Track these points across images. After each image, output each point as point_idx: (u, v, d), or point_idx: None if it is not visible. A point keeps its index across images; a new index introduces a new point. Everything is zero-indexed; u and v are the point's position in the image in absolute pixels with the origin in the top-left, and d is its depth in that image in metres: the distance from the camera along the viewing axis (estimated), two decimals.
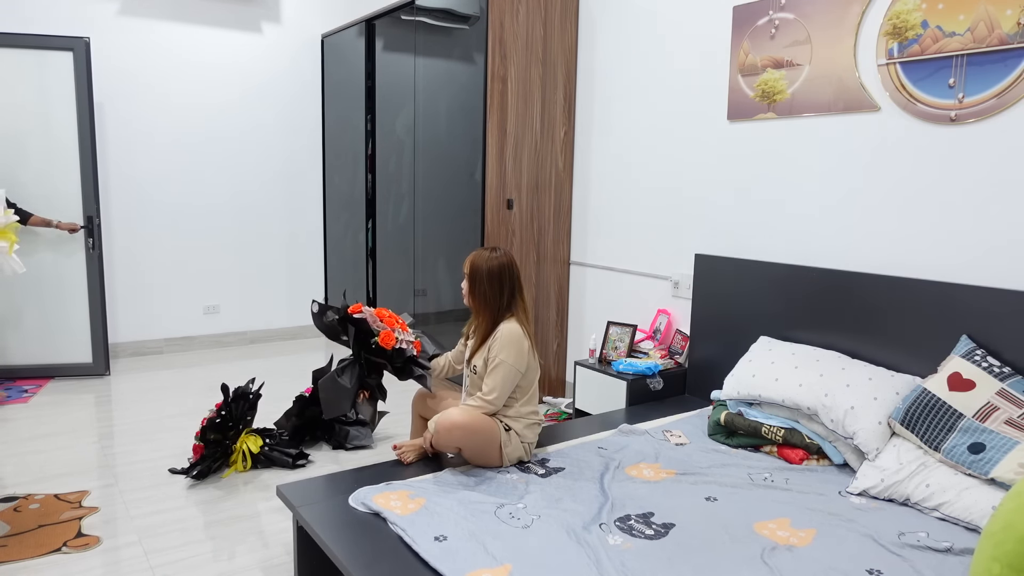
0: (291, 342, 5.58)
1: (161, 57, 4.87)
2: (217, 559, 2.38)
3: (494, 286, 2.44)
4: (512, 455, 2.41)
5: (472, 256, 2.50)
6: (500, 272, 2.45)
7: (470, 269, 2.48)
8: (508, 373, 2.38)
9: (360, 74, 4.98)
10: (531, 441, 2.46)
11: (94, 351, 4.41)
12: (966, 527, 1.98)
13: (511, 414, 2.43)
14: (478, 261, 2.46)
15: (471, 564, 1.75)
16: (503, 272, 2.45)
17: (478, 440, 2.33)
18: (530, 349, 2.43)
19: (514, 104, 3.71)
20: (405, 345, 2.87)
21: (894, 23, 2.54)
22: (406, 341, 2.87)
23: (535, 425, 2.48)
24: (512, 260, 2.49)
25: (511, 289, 2.47)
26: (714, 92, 3.22)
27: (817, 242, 2.86)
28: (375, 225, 5.05)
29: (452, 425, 2.30)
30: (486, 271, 2.44)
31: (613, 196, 3.77)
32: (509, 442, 2.39)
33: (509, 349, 2.38)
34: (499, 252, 2.48)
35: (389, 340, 2.83)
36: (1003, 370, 2.17)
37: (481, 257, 2.47)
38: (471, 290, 2.49)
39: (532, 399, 2.49)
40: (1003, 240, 2.33)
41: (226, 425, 3.06)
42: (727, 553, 1.85)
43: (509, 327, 2.41)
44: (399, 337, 2.85)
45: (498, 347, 2.39)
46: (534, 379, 2.49)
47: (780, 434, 2.53)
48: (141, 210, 4.93)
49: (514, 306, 2.47)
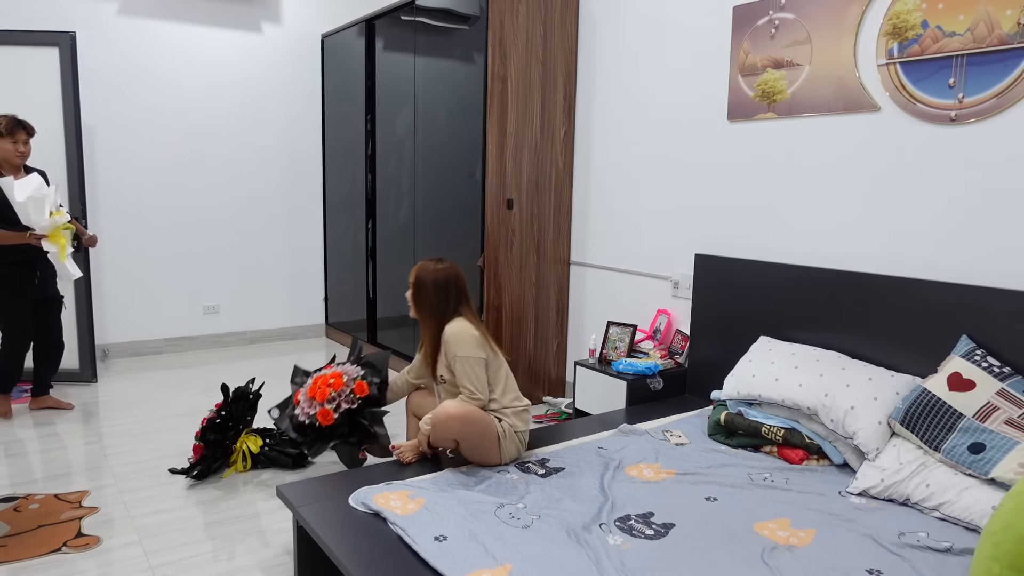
0: (291, 342, 5.58)
1: (161, 57, 4.87)
2: (217, 559, 2.38)
3: (440, 296, 2.49)
4: (509, 448, 2.42)
5: (417, 267, 2.55)
6: (446, 282, 2.50)
7: (415, 279, 2.53)
8: (470, 365, 2.41)
9: (360, 74, 4.98)
10: (523, 430, 2.48)
11: (81, 358, 4.31)
12: (966, 527, 1.98)
13: (495, 407, 2.45)
14: (423, 272, 2.52)
15: (471, 564, 1.75)
16: (448, 283, 2.50)
17: (475, 431, 2.34)
18: (482, 338, 2.46)
19: (514, 104, 3.71)
20: (346, 403, 2.76)
21: (894, 23, 2.54)
22: (345, 397, 2.77)
23: (523, 412, 2.50)
24: (458, 271, 2.54)
25: (456, 299, 2.51)
26: (714, 92, 3.22)
27: (817, 242, 2.86)
28: (375, 225, 5.05)
29: (448, 416, 2.32)
30: (431, 282, 2.49)
31: (613, 196, 3.77)
32: (505, 435, 2.41)
33: (459, 344, 2.42)
34: (445, 263, 2.54)
35: (328, 418, 2.74)
36: (1003, 370, 2.17)
37: (426, 268, 2.52)
38: (415, 300, 2.53)
39: (510, 388, 2.51)
40: (1003, 240, 2.33)
41: (226, 425, 3.05)
42: (727, 553, 1.85)
43: (452, 327, 2.45)
44: (337, 400, 2.75)
45: (451, 348, 2.43)
46: (500, 367, 2.51)
47: (780, 434, 2.53)
48: (141, 210, 4.93)
49: (460, 313, 2.51)
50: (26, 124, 3.50)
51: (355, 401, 2.77)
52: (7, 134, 3.43)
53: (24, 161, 3.54)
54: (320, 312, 5.81)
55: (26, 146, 3.50)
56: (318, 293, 5.77)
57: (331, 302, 5.74)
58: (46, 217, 3.40)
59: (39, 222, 3.39)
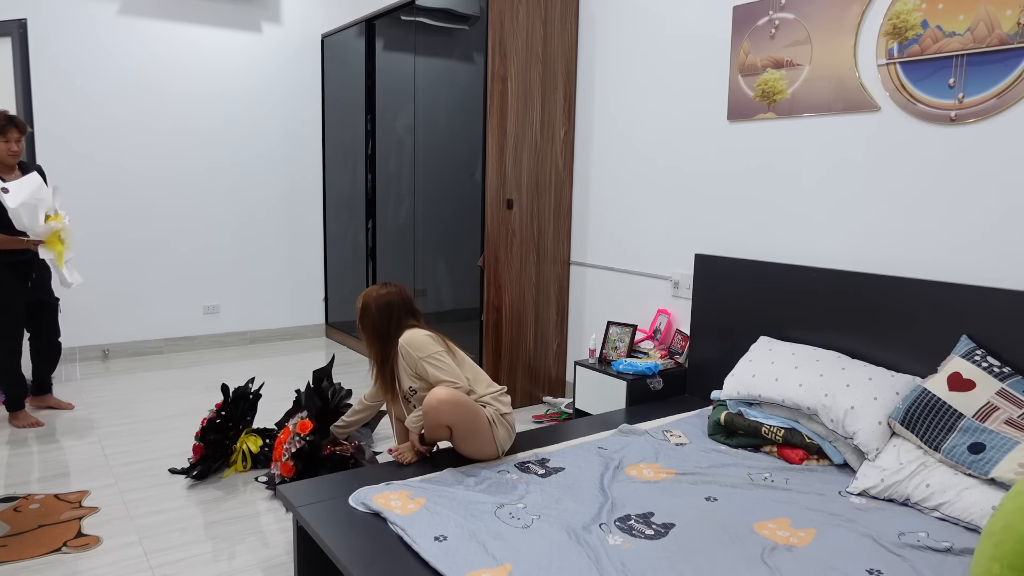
0: (291, 342, 5.58)
1: (161, 57, 4.87)
2: (217, 559, 2.38)
3: (383, 317, 2.59)
4: (500, 432, 2.45)
5: (363, 293, 2.67)
6: (388, 306, 2.60)
7: (360, 304, 2.64)
8: (437, 360, 2.47)
9: (360, 74, 4.98)
10: (508, 412, 2.52)
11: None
12: (966, 527, 1.98)
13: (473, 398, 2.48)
14: (367, 297, 2.63)
15: (471, 564, 1.75)
16: (391, 305, 2.60)
17: (466, 414, 2.36)
18: (436, 336, 2.54)
19: (514, 104, 3.71)
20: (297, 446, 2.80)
21: (894, 23, 2.54)
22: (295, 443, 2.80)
23: (502, 395, 2.56)
24: (404, 294, 2.65)
25: (398, 318, 2.60)
26: (714, 92, 3.22)
27: (817, 242, 2.86)
28: (375, 225, 5.05)
29: (439, 400, 2.34)
30: (375, 306, 2.60)
31: (613, 196, 3.77)
32: (494, 421, 2.44)
33: (417, 348, 2.48)
34: (391, 287, 2.66)
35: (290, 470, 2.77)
36: (1003, 370, 2.17)
37: (370, 294, 2.63)
38: (360, 322, 2.63)
39: (480, 377, 2.58)
40: (1003, 240, 2.33)
41: (226, 425, 3.06)
42: (727, 553, 1.85)
43: (405, 337, 2.54)
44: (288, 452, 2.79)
45: (410, 354, 2.49)
46: (464, 361, 2.58)
47: (780, 434, 2.53)
48: (140, 209, 4.93)
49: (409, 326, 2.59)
50: (18, 121, 3.35)
51: (303, 441, 2.79)
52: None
53: (16, 160, 3.41)
54: (320, 312, 5.81)
55: (19, 144, 3.37)
56: (318, 293, 5.77)
57: (331, 302, 5.74)
58: (41, 223, 3.28)
59: (33, 228, 3.27)
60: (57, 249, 3.34)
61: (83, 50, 4.60)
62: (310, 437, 2.79)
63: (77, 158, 4.67)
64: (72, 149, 4.65)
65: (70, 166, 4.65)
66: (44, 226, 3.30)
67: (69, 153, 4.64)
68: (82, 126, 4.66)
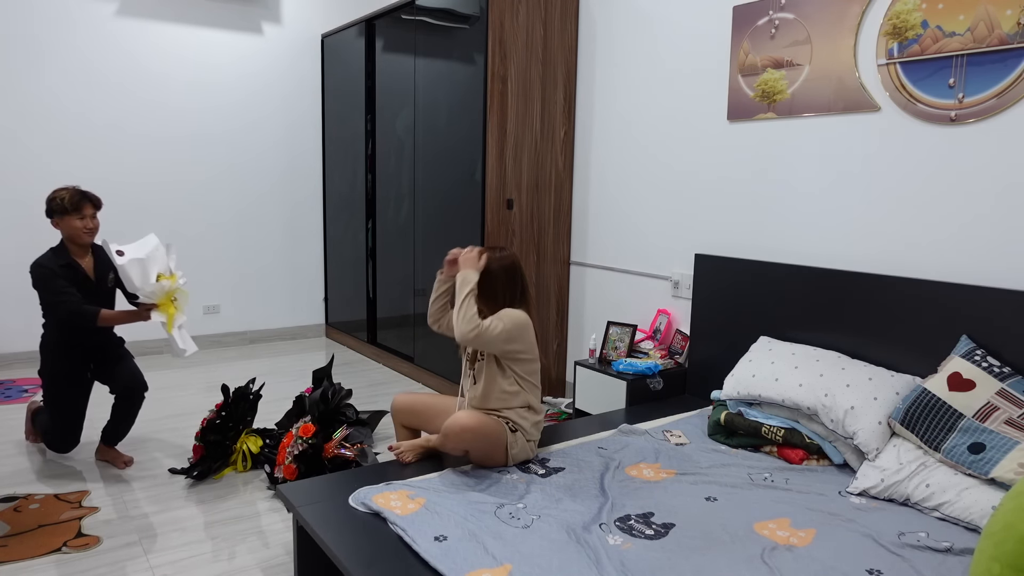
0: (291, 342, 5.58)
1: (161, 57, 4.87)
2: (217, 559, 2.38)
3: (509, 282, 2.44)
4: (518, 456, 2.42)
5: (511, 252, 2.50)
6: (513, 268, 2.45)
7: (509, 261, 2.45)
8: (506, 326, 2.33)
9: (360, 74, 4.98)
10: (536, 438, 2.48)
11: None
12: (966, 527, 1.98)
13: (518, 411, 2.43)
14: (490, 261, 2.43)
15: (471, 564, 1.75)
16: (515, 268, 2.46)
17: (487, 443, 2.33)
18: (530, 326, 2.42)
19: (514, 104, 3.71)
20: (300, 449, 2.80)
21: (894, 23, 2.54)
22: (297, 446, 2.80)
23: (540, 423, 2.50)
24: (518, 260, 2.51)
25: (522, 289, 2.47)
26: (714, 92, 3.22)
27: (817, 242, 2.86)
28: (375, 225, 5.04)
29: (463, 428, 2.29)
30: (499, 268, 2.42)
31: (613, 196, 3.77)
32: (515, 443, 2.39)
33: (507, 317, 2.35)
34: (507, 251, 2.49)
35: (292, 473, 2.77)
36: (1003, 370, 2.17)
37: (492, 257, 2.44)
38: (481, 289, 2.41)
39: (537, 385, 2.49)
40: (1003, 240, 2.33)
41: (226, 426, 3.05)
42: (727, 553, 1.85)
43: (510, 311, 2.39)
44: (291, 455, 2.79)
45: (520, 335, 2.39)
46: (537, 366, 2.48)
47: (780, 434, 2.53)
48: (140, 210, 4.93)
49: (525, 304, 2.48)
50: (92, 196, 3.00)
51: (305, 443, 2.78)
52: (72, 209, 2.93)
53: (93, 239, 3.03)
54: (320, 312, 5.81)
55: (94, 220, 3.00)
56: (318, 293, 5.77)
57: (331, 302, 5.74)
58: (152, 281, 2.92)
59: (143, 288, 2.91)
60: (169, 312, 2.98)
61: (83, 50, 4.60)
62: (313, 440, 2.79)
63: (77, 158, 4.67)
64: (72, 149, 4.65)
65: (69, 166, 4.65)
66: (154, 285, 2.93)
67: (68, 153, 4.64)
68: (81, 126, 4.66)
